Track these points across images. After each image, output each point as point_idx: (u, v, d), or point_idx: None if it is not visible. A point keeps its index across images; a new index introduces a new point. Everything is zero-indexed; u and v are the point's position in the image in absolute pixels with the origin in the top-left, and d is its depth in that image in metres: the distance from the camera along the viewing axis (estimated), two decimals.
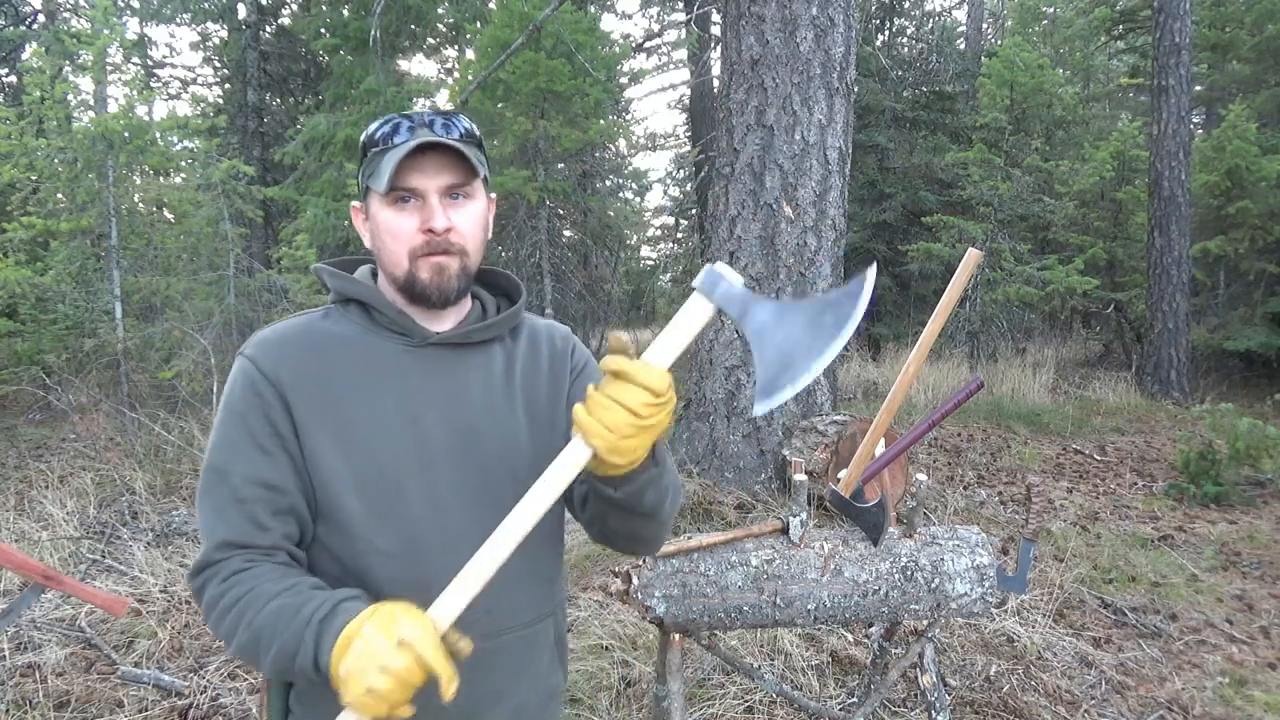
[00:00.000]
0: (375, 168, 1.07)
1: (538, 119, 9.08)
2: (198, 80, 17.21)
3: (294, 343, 1.10)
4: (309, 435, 1.05)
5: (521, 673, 1.17)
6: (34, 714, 2.74)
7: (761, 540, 2.08)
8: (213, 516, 1.04)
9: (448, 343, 1.14)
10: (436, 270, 1.08)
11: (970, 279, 1.93)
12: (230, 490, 1.03)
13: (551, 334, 1.28)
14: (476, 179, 1.11)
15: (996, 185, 11.14)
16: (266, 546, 1.04)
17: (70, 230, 6.99)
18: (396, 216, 1.08)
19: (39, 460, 5.99)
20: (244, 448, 1.04)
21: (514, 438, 1.15)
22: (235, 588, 0.99)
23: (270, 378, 1.06)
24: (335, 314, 1.14)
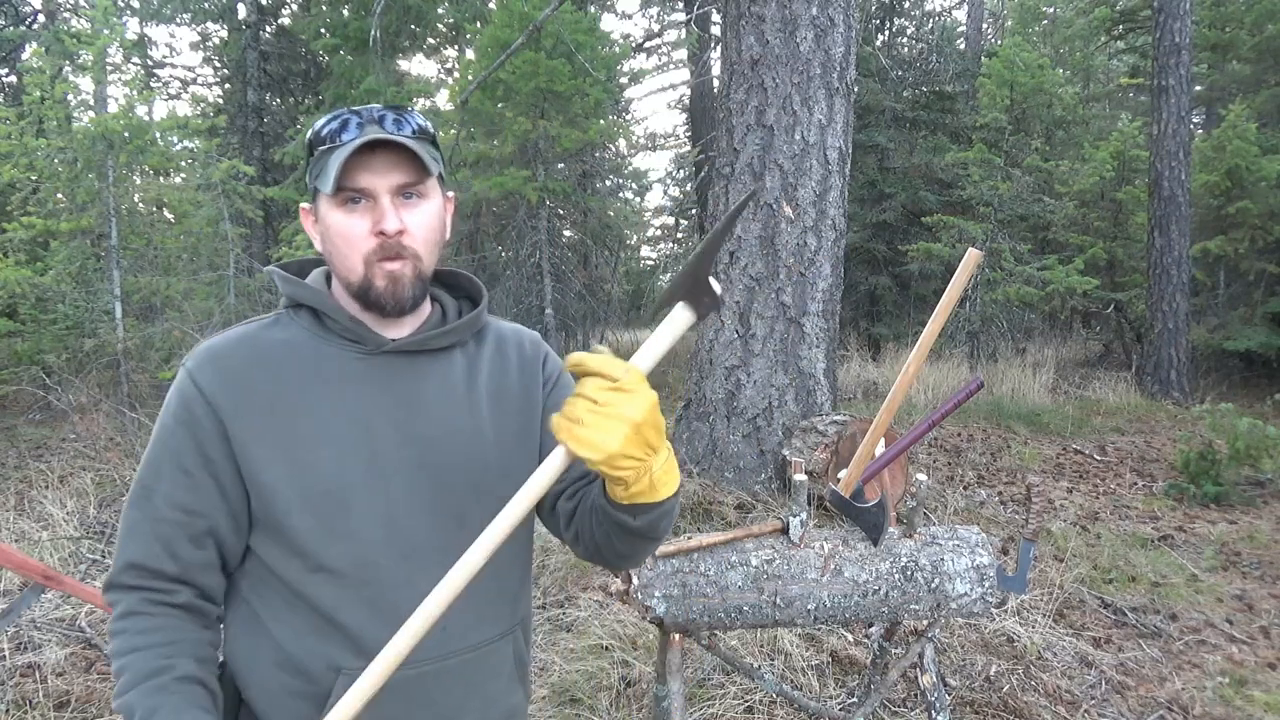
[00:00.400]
0: (322, 167, 1.02)
1: (538, 119, 9.08)
2: (198, 80, 17.23)
3: (236, 354, 1.04)
4: (250, 452, 1.01)
5: (474, 694, 1.11)
6: (34, 714, 2.74)
7: (761, 540, 2.08)
8: (128, 533, 1.03)
9: (403, 350, 1.08)
10: (392, 279, 1.03)
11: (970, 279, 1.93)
12: (151, 509, 1.01)
13: (520, 340, 1.22)
14: (430, 178, 1.05)
15: (996, 185, 11.15)
16: (172, 576, 1.01)
17: (70, 230, 7.00)
18: (347, 219, 1.02)
19: (39, 460, 5.99)
20: (168, 469, 1.02)
21: (476, 449, 1.09)
22: (122, 637, 1.00)
23: (206, 394, 1.01)
24: (285, 320, 1.09)
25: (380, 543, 1.02)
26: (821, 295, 5.06)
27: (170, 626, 1.01)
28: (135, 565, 1.01)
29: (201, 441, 1.01)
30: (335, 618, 1.01)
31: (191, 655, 1.00)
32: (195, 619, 1.03)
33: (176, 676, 0.97)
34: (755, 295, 5.01)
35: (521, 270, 9.81)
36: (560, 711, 2.82)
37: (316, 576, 1.01)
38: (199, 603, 1.04)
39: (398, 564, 1.03)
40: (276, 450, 1.01)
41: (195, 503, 1.01)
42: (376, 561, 1.02)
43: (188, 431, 1.02)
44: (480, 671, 1.11)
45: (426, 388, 1.09)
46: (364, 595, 1.02)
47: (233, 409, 1.01)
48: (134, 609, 1.00)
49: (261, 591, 1.05)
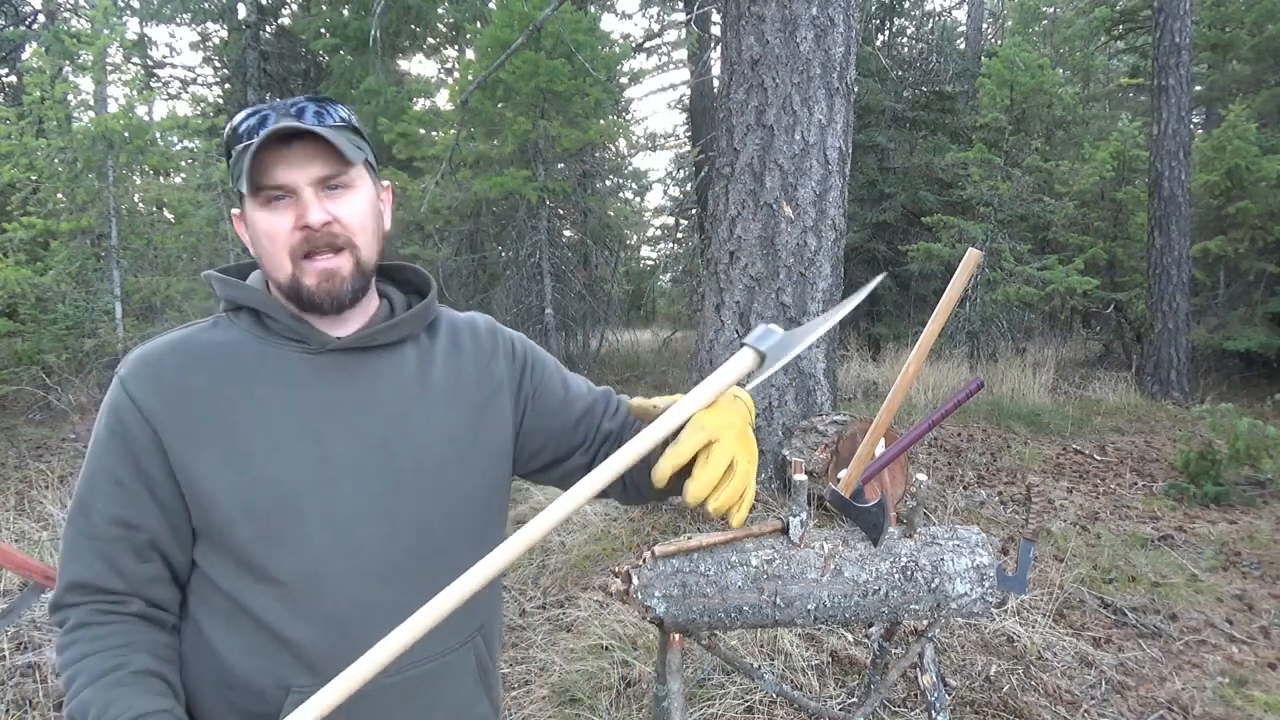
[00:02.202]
0: (239, 166, 0.97)
1: (538, 119, 9.08)
2: (198, 80, 17.21)
3: (170, 361, 0.99)
4: (186, 462, 0.96)
5: (435, 706, 1.06)
6: (34, 714, 2.74)
7: (761, 540, 2.08)
8: (69, 552, 0.98)
9: (350, 348, 1.03)
10: (325, 276, 0.98)
11: (970, 279, 1.93)
12: (89, 526, 0.97)
13: (475, 327, 1.18)
14: (354, 167, 1.00)
15: (996, 185, 11.15)
16: (119, 591, 0.97)
17: (70, 230, 7.01)
18: (270, 217, 0.97)
19: (39, 460, 5.99)
20: (103, 483, 0.97)
21: (432, 446, 1.05)
22: (73, 648, 0.95)
23: (139, 404, 0.97)
24: (225, 322, 1.05)
25: (330, 552, 0.97)
26: (821, 295, 5.06)
27: (123, 631, 0.97)
28: (79, 584, 0.97)
29: (135, 453, 0.97)
30: (283, 633, 0.96)
31: (148, 652, 0.96)
32: (149, 625, 0.99)
33: (132, 671, 0.93)
34: (755, 295, 5.01)
35: (521, 270, 9.81)
36: (560, 711, 2.82)
37: (262, 590, 0.96)
38: (151, 611, 1.00)
39: (349, 574, 0.98)
40: (215, 459, 0.96)
41: (133, 516, 0.97)
42: (326, 572, 0.97)
43: (121, 443, 0.97)
44: (440, 682, 1.06)
45: (378, 386, 1.04)
46: (313, 609, 0.97)
47: (167, 418, 0.96)
48: (83, 620, 0.96)
49: (206, 608, 1.00)
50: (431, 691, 1.05)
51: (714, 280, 5.21)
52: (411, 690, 1.03)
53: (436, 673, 1.05)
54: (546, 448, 1.19)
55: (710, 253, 5.38)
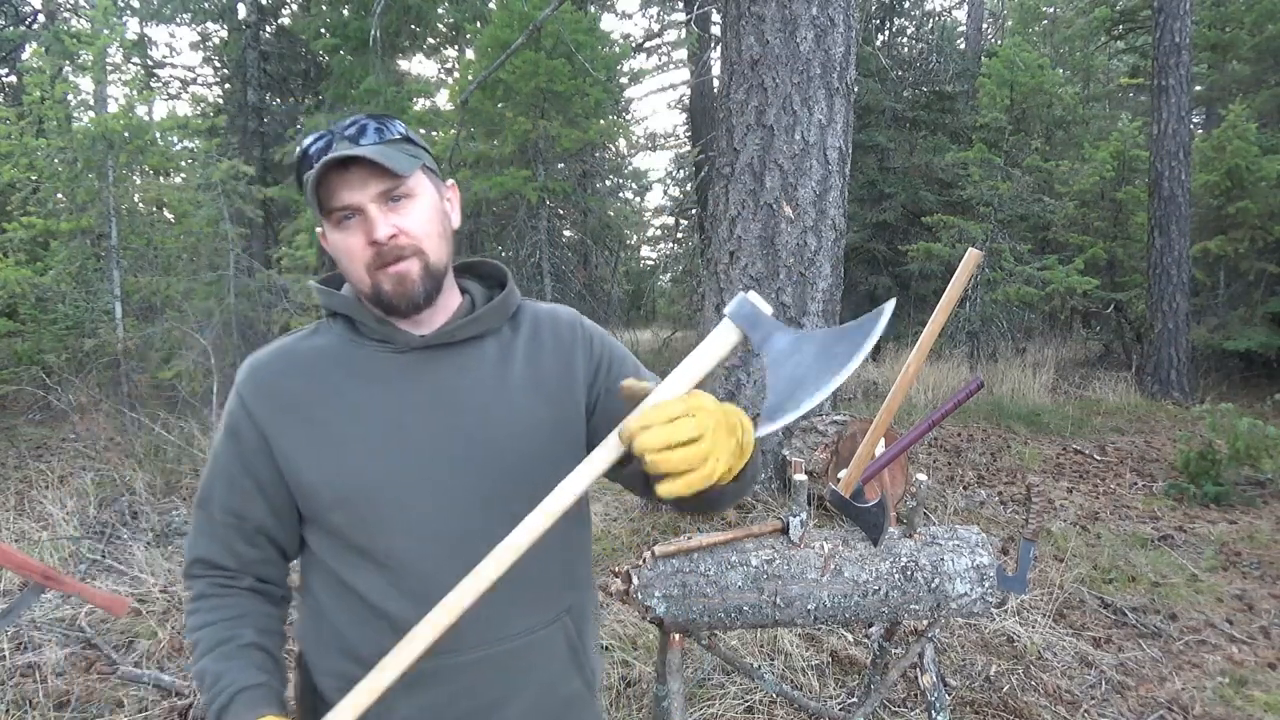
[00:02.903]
0: (309, 194, 1.06)
1: (538, 119, 9.08)
2: (198, 80, 17.24)
3: (273, 367, 1.12)
4: (290, 457, 1.08)
5: (521, 682, 1.12)
6: (34, 714, 2.74)
7: (761, 540, 2.08)
8: (194, 533, 1.15)
9: (432, 345, 1.11)
10: (397, 280, 1.06)
11: (970, 279, 1.93)
12: (209, 515, 1.13)
13: (556, 319, 1.23)
14: (411, 177, 1.06)
15: (996, 185, 11.15)
16: (233, 569, 1.13)
17: (70, 230, 7.01)
18: (344, 236, 1.06)
19: (39, 460, 5.99)
20: (220, 479, 1.12)
21: (511, 437, 1.11)
22: (195, 615, 1.12)
23: (249, 409, 1.10)
24: (324, 328, 1.16)
25: (416, 535, 1.06)
26: (821, 295, 5.06)
27: (235, 604, 1.12)
28: (201, 560, 1.14)
29: (245, 453, 1.10)
30: (380, 607, 1.06)
31: (254, 627, 1.11)
32: (258, 598, 1.14)
33: (240, 644, 1.08)
34: None
35: (521, 270, 9.81)
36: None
37: (362, 568, 1.07)
38: (260, 585, 1.15)
39: (434, 555, 1.06)
40: (314, 452, 1.07)
41: (243, 508, 1.11)
42: (414, 553, 1.06)
43: (234, 444, 1.11)
44: (526, 659, 1.13)
45: (459, 379, 1.11)
46: (405, 586, 1.06)
47: (271, 419, 1.09)
48: (204, 592, 1.13)
49: (320, 581, 1.12)
50: (520, 667, 1.12)
51: (714, 280, 5.21)
52: (499, 665, 1.10)
53: (523, 650, 1.12)
54: None
55: (710, 253, 5.38)
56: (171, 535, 4.46)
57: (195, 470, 5.54)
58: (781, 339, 0.94)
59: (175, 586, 3.76)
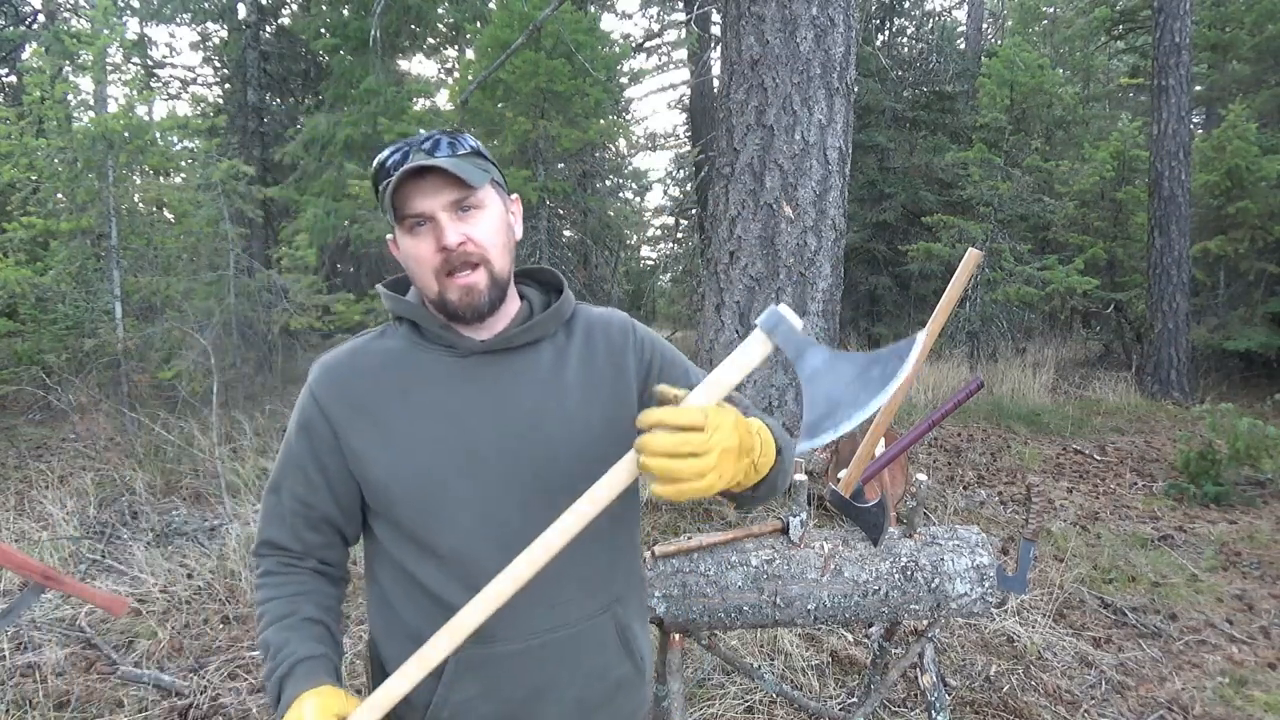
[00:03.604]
0: (384, 201, 1.13)
1: (538, 119, 9.08)
2: (198, 80, 17.23)
3: (345, 366, 1.19)
4: (358, 453, 1.15)
5: (573, 669, 1.18)
6: (34, 714, 2.74)
7: (761, 540, 2.08)
8: (265, 517, 1.24)
9: (492, 350, 1.17)
10: (465, 291, 1.12)
11: (970, 279, 1.93)
12: (278, 501, 1.22)
13: (608, 325, 1.27)
14: (481, 189, 1.13)
15: (996, 185, 11.14)
16: (299, 552, 1.22)
17: (70, 230, 7.00)
18: (415, 243, 1.12)
19: (39, 460, 5.99)
20: (291, 470, 1.20)
21: (565, 440, 1.16)
22: (261, 590, 1.20)
23: (323, 407, 1.17)
24: (391, 331, 1.23)
25: (475, 530, 1.12)
26: (821, 295, 5.06)
27: (298, 582, 1.20)
28: (270, 542, 1.23)
29: (316, 447, 1.18)
30: (442, 598, 1.12)
31: (315, 603, 1.19)
32: (320, 579, 1.23)
33: (302, 618, 1.16)
34: (755, 295, 5.01)
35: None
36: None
37: (424, 559, 1.14)
38: (323, 567, 1.24)
39: (493, 550, 1.10)
40: (381, 449, 1.14)
41: (311, 498, 1.19)
42: (473, 548, 1.12)
43: (306, 438, 1.18)
44: (578, 647, 1.19)
45: (517, 383, 1.17)
46: (464, 579, 1.11)
47: (342, 417, 1.16)
48: (271, 570, 1.21)
49: (385, 569, 1.19)
50: (571, 655, 1.18)
51: (714, 280, 5.21)
52: (551, 653, 1.17)
53: (575, 638, 1.18)
54: None
55: (710, 253, 5.38)
56: (171, 535, 4.46)
57: (195, 470, 5.55)
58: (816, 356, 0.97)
59: (175, 586, 3.76)
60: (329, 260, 10.70)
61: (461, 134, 1.16)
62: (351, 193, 8.09)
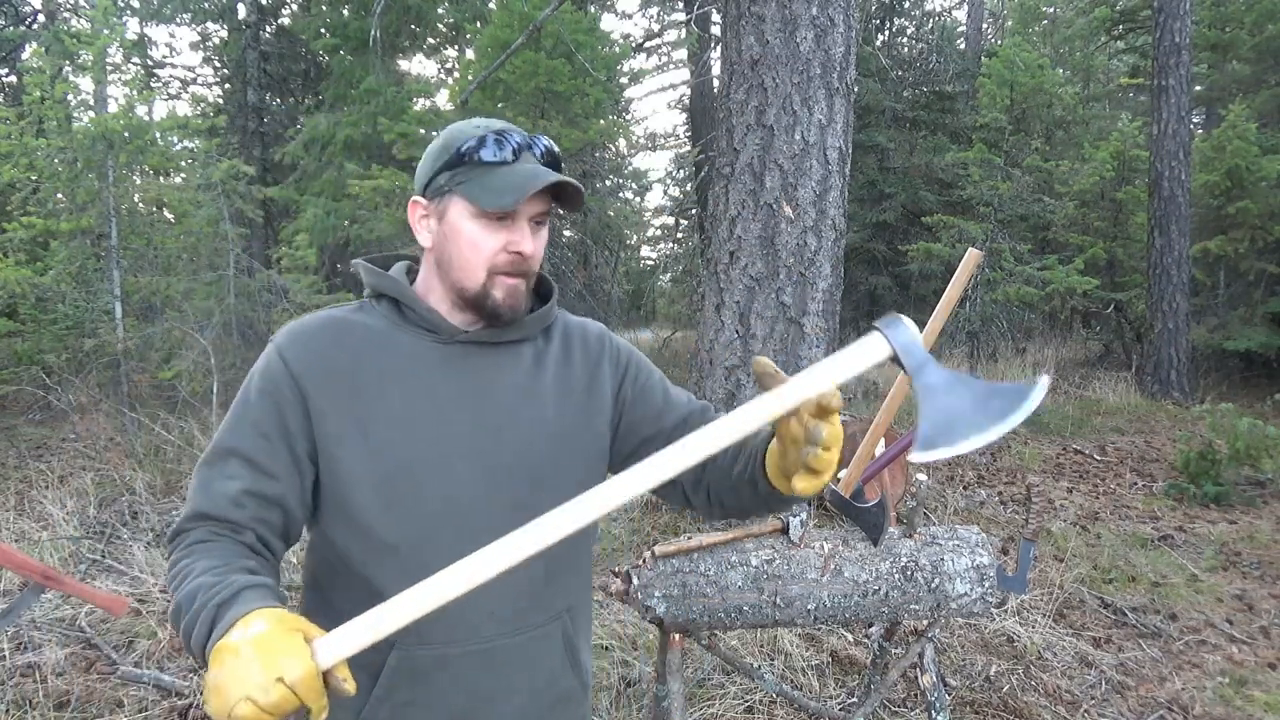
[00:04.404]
0: (484, 182, 1.08)
1: (538, 119, 9.07)
2: (198, 80, 17.21)
3: (322, 335, 1.11)
4: (327, 425, 1.06)
5: (518, 678, 1.14)
6: (34, 714, 2.74)
7: (761, 540, 2.08)
8: (198, 488, 1.05)
9: (476, 341, 1.14)
10: (511, 292, 1.10)
11: (970, 279, 1.93)
12: (224, 467, 1.04)
13: (585, 333, 1.27)
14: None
15: (996, 185, 11.14)
16: (236, 522, 1.02)
17: (70, 230, 7.00)
18: (484, 231, 1.09)
19: (39, 460, 5.98)
20: (246, 431, 1.06)
21: (538, 441, 1.14)
22: (185, 560, 0.97)
23: (293, 371, 1.07)
24: (368, 307, 1.17)
25: (439, 520, 1.07)
26: (821, 295, 5.06)
27: (235, 549, 1.00)
28: (204, 514, 1.02)
29: (284, 412, 1.06)
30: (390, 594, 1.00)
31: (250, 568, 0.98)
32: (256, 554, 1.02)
33: (237, 568, 0.96)
34: (755, 295, 5.01)
35: None
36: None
37: (376, 554, 1.06)
38: (261, 546, 1.04)
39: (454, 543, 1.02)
40: (351, 426, 1.07)
41: (270, 465, 1.04)
42: (434, 539, 1.06)
43: (271, 402, 1.07)
44: (525, 655, 1.14)
45: (496, 379, 1.14)
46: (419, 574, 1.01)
47: (314, 383, 1.07)
48: (199, 539, 1.00)
49: (327, 570, 1.11)
50: (518, 663, 1.14)
51: (714, 280, 5.21)
52: (498, 659, 1.12)
53: (523, 645, 1.14)
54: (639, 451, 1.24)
55: (710, 253, 5.38)
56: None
57: None
58: (935, 373, 0.94)
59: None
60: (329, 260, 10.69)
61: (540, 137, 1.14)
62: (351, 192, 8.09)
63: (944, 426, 0.91)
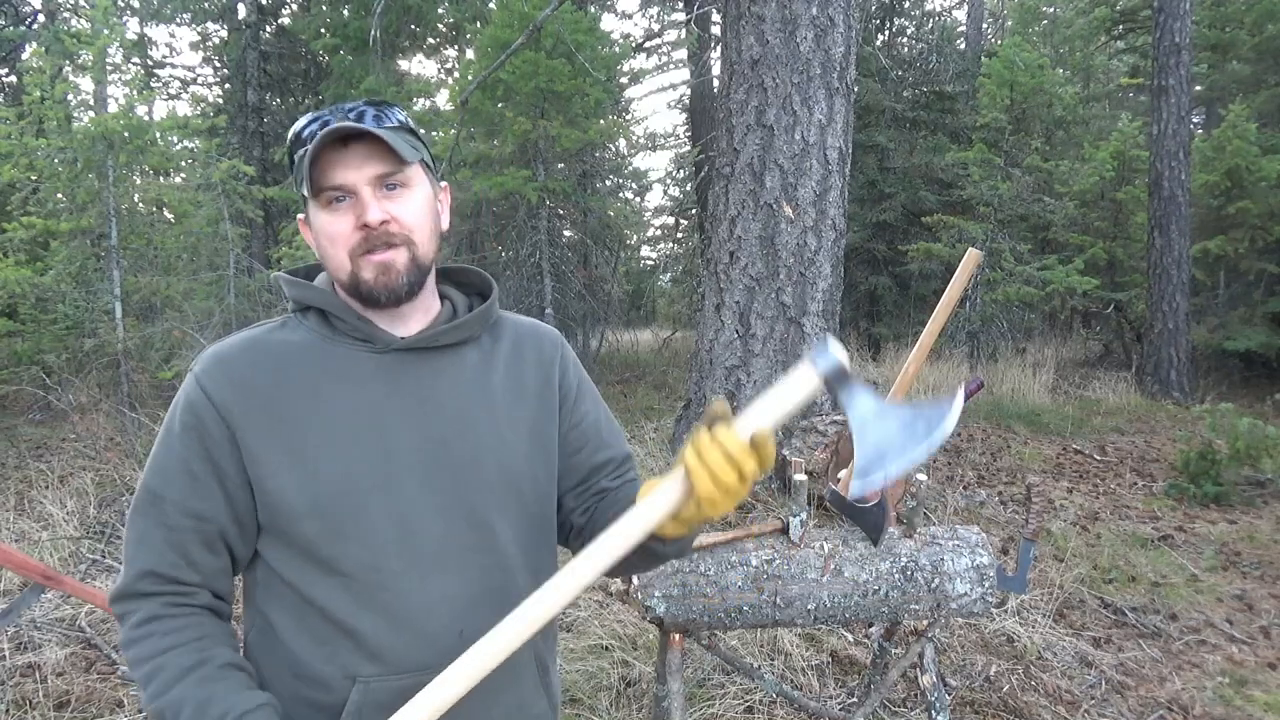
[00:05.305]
0: (300, 171, 1.01)
1: (538, 119, 9.08)
2: (198, 80, 17.21)
3: (242, 359, 1.03)
4: (257, 458, 0.99)
5: (495, 703, 1.08)
6: (34, 714, 2.74)
7: (761, 540, 2.08)
8: (137, 542, 1.00)
9: (414, 348, 1.06)
10: (381, 269, 1.01)
11: (970, 279, 1.93)
12: (162, 515, 0.99)
13: (539, 336, 1.20)
14: (409, 166, 1.03)
15: (996, 185, 11.14)
16: (190, 584, 1.00)
17: (70, 230, 6.99)
18: (331, 219, 1.01)
19: (39, 460, 5.98)
20: (176, 475, 1.00)
21: (492, 447, 1.07)
22: (148, 641, 0.96)
23: (215, 400, 1.00)
24: (294, 323, 1.08)
25: (393, 545, 1.00)
26: (821, 295, 5.06)
27: (197, 624, 0.99)
28: (151, 573, 0.99)
29: (209, 448, 0.99)
30: (346, 623, 0.99)
31: (226, 645, 1.00)
32: (216, 618, 1.03)
33: (218, 665, 0.96)
34: (755, 295, 5.01)
35: (521, 270, 9.81)
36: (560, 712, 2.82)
37: (327, 582, 1.00)
38: (217, 603, 1.04)
39: (409, 566, 1.01)
40: (284, 454, 0.99)
41: (205, 508, 0.99)
42: (389, 565, 1.00)
43: (195, 437, 1.00)
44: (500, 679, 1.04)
45: (440, 385, 1.06)
46: (376, 599, 1.00)
47: (240, 415, 1.00)
48: (155, 614, 0.98)
49: (274, 600, 1.03)
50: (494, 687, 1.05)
51: (714, 280, 5.21)
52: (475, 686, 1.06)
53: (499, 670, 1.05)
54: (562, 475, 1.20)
55: (710, 253, 5.38)
56: None
57: None
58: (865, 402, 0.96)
59: None
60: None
61: (390, 105, 1.05)
62: None
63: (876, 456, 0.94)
